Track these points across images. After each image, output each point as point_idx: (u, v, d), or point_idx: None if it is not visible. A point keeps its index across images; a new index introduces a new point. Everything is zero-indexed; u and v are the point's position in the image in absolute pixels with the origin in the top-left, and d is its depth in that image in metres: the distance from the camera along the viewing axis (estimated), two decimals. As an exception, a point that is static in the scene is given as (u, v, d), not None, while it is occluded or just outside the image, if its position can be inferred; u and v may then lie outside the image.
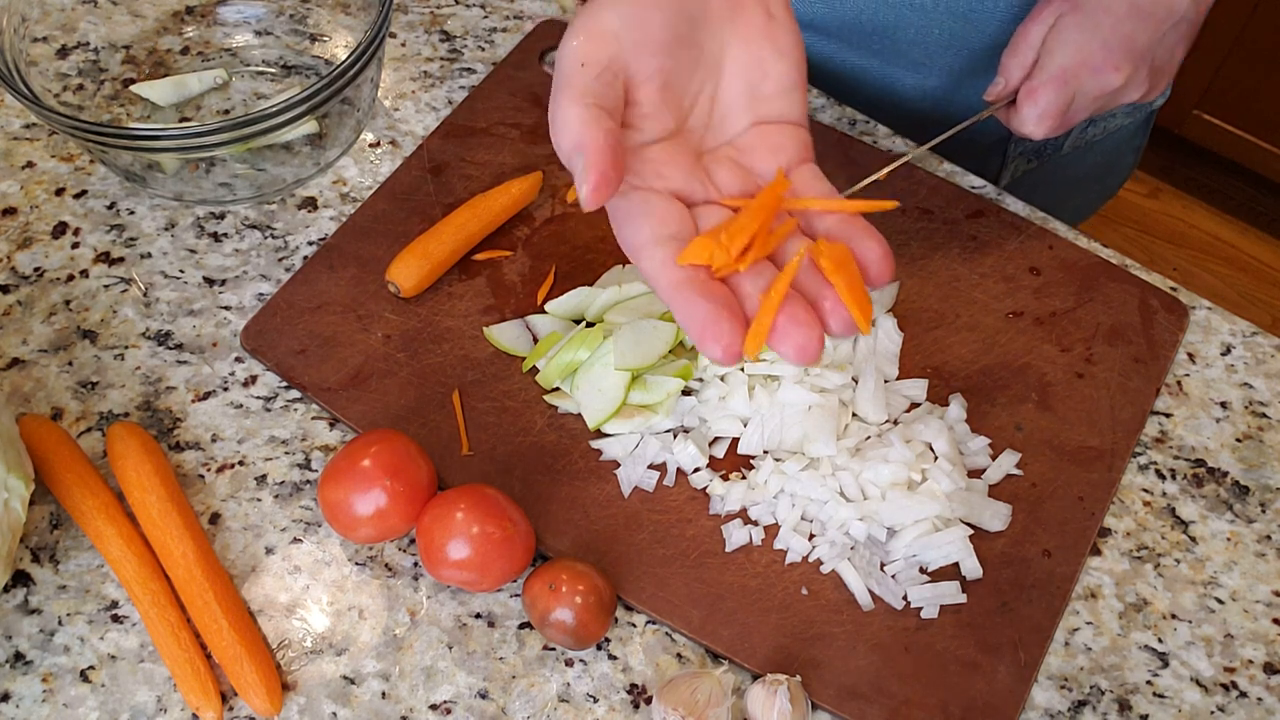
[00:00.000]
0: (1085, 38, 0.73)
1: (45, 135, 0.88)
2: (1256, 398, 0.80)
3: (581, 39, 0.51)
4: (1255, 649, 0.71)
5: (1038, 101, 0.75)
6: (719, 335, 0.48)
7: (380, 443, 0.69)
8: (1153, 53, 0.74)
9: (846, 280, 0.50)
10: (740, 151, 0.55)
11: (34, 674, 0.67)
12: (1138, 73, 0.74)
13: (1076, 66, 0.74)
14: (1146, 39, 0.73)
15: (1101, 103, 0.76)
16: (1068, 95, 0.75)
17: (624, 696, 0.68)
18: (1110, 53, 0.73)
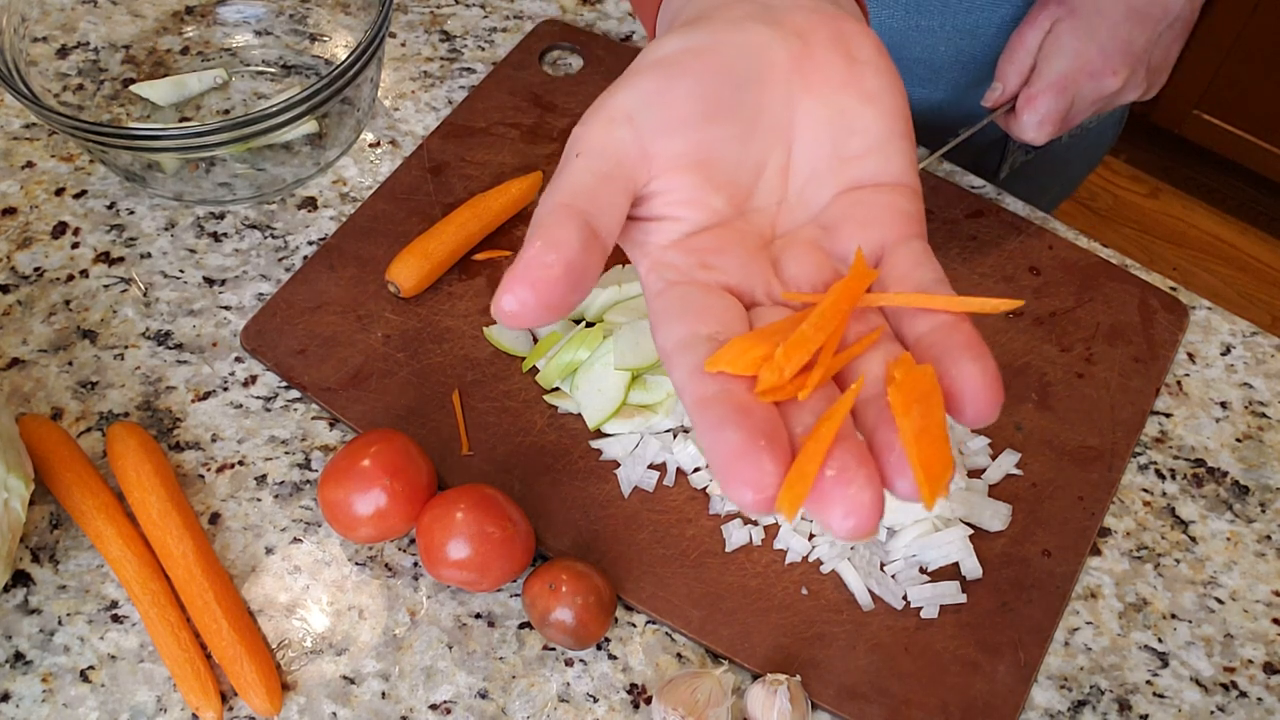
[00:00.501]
0: (1082, 43, 0.74)
1: (45, 135, 0.88)
2: (1256, 397, 0.80)
3: (589, 123, 0.42)
4: (1255, 649, 0.71)
5: (1037, 108, 0.75)
6: (748, 476, 0.35)
7: (380, 443, 0.69)
8: (1150, 54, 0.74)
9: (919, 425, 0.36)
10: (825, 231, 0.44)
11: (34, 674, 0.67)
12: (1135, 74, 0.75)
13: (1075, 72, 0.74)
14: (1144, 41, 0.73)
15: (1100, 105, 0.76)
16: (1067, 101, 0.75)
17: (624, 696, 0.68)
18: (1108, 57, 0.73)
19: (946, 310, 0.40)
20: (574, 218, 0.39)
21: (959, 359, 0.38)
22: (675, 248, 0.42)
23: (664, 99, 0.42)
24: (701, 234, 0.43)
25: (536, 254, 0.38)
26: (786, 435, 0.36)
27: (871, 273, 0.41)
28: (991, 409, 0.38)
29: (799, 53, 0.44)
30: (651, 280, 0.42)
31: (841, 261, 0.43)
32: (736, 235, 0.43)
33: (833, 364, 0.38)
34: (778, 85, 0.43)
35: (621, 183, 0.41)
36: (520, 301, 0.38)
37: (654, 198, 0.42)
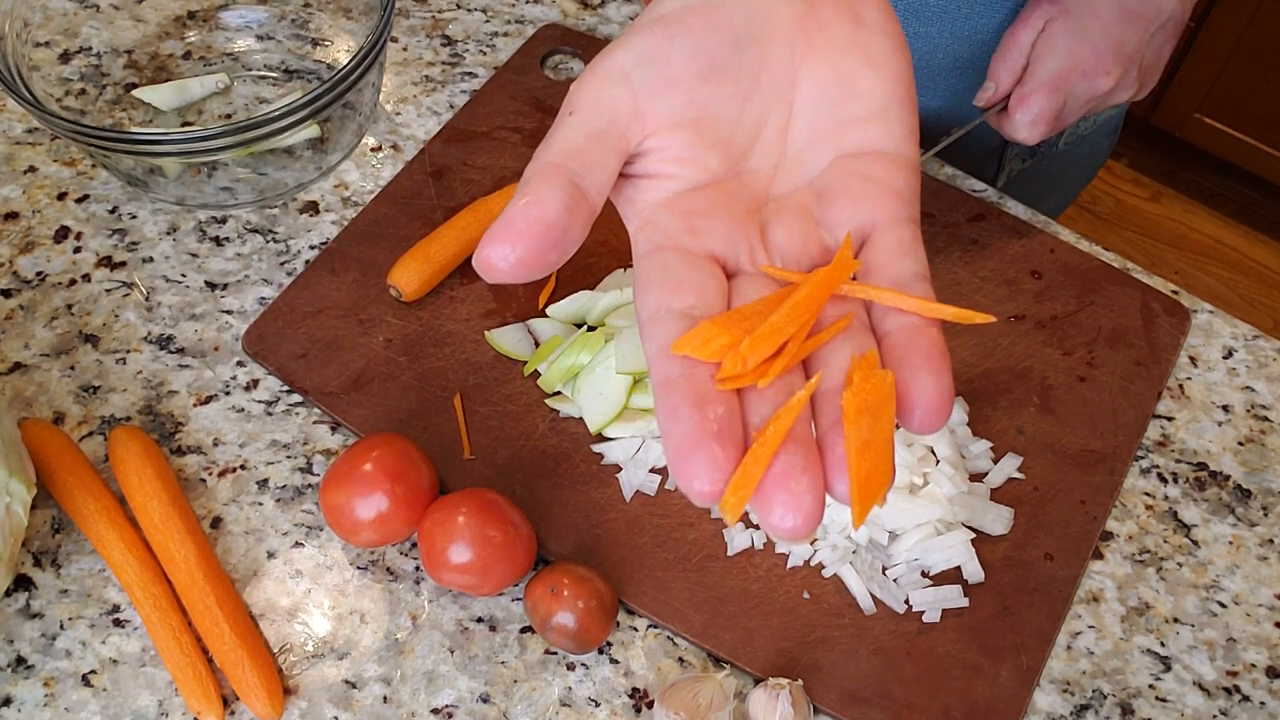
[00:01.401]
0: (1075, 43, 0.74)
1: (47, 140, 0.88)
2: (1258, 401, 0.80)
3: (584, 81, 0.42)
4: (1258, 653, 0.71)
5: (1030, 108, 0.75)
6: (699, 468, 0.35)
7: (382, 447, 0.69)
8: (1142, 54, 0.74)
9: (865, 437, 0.36)
10: (819, 198, 0.43)
11: (35, 678, 0.67)
12: (1127, 74, 0.75)
13: (1067, 72, 0.74)
14: (1136, 41, 0.73)
15: (1092, 105, 0.76)
16: (1059, 100, 0.75)
17: (625, 700, 0.68)
18: (1100, 57, 0.73)
19: (918, 314, 0.41)
20: (561, 176, 0.39)
21: (918, 370, 0.39)
22: (665, 208, 0.42)
23: (662, 57, 0.42)
24: (693, 193, 0.42)
25: (520, 210, 0.38)
26: (741, 429, 0.37)
27: (853, 264, 0.41)
28: (936, 424, 0.38)
29: (804, 13, 0.43)
30: (640, 241, 0.42)
31: (830, 233, 0.43)
32: (728, 196, 0.42)
33: (799, 351, 0.39)
34: (781, 45, 0.43)
35: (613, 141, 0.41)
36: (501, 256, 0.38)
37: (647, 155, 0.42)
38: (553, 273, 0.82)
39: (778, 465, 0.36)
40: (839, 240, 0.42)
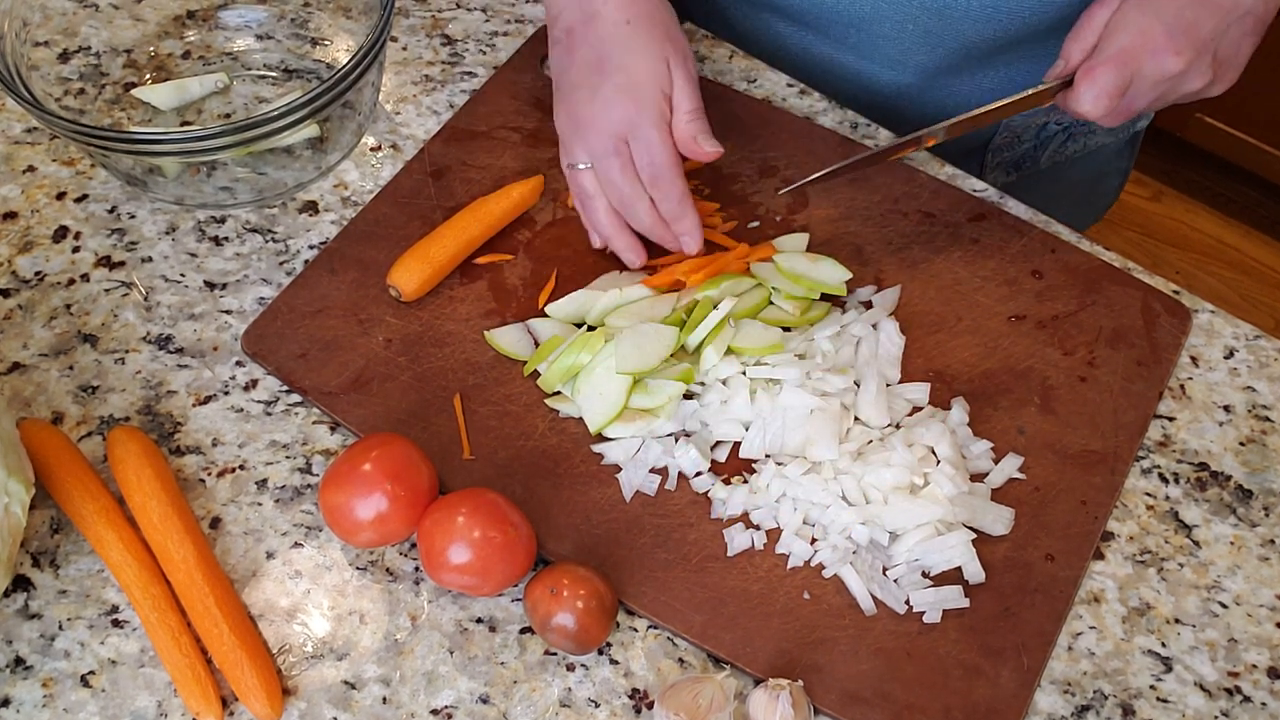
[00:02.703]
0: (1148, 20, 0.73)
1: (46, 139, 0.88)
2: (1259, 401, 0.79)
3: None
4: (1259, 653, 0.70)
5: (1095, 80, 0.74)
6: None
7: (381, 447, 0.69)
8: (1216, 43, 0.73)
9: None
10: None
11: (34, 679, 0.67)
12: (1199, 60, 0.73)
13: (1136, 48, 0.73)
14: (1210, 27, 0.73)
15: (1161, 90, 0.75)
16: (1126, 75, 0.74)
17: (625, 701, 0.68)
18: (1173, 36, 0.73)
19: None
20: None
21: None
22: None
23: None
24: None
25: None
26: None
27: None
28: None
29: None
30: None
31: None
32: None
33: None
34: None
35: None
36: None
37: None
38: (553, 272, 0.82)
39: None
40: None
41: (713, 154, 0.77)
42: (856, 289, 0.82)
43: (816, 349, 0.77)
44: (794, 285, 0.79)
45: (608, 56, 0.77)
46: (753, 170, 0.87)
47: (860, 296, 0.81)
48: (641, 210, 0.78)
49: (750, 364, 0.75)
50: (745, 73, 0.94)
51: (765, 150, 0.88)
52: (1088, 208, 1.13)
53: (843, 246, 0.83)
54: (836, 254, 0.81)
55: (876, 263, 0.83)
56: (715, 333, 0.76)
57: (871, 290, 0.82)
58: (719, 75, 0.93)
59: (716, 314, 0.76)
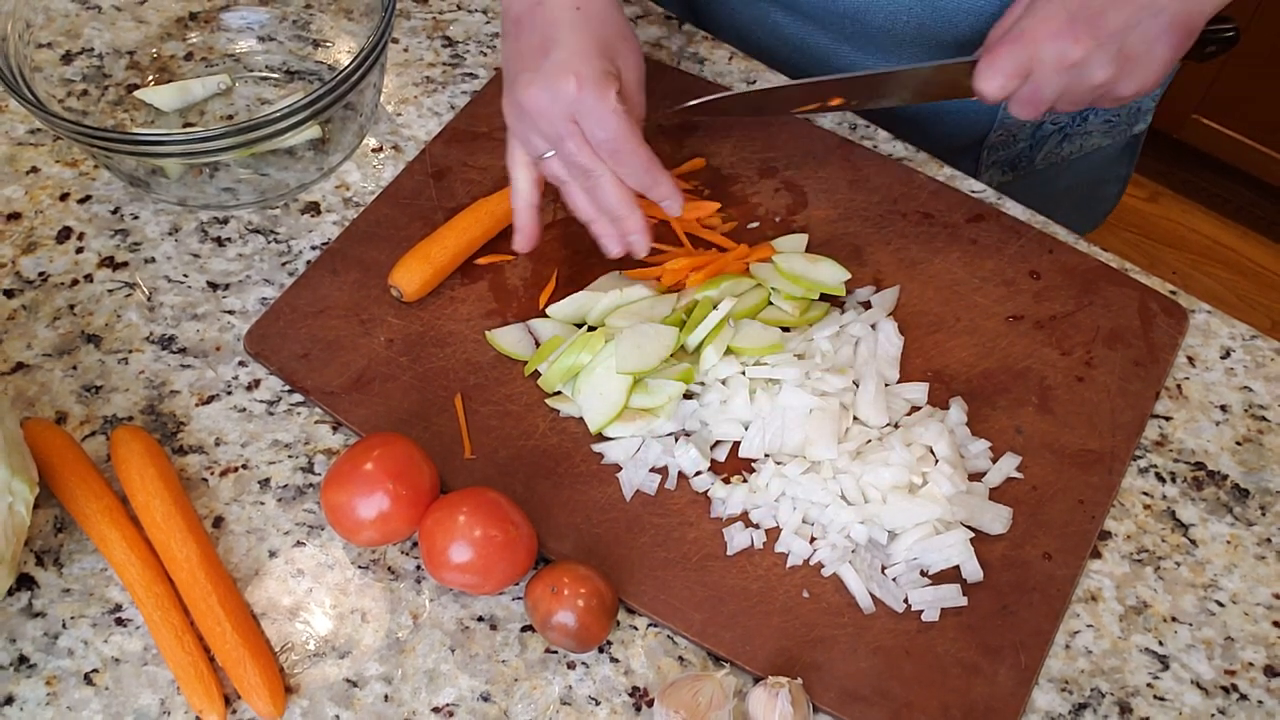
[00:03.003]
0: (1054, 7, 0.73)
1: (50, 141, 0.89)
2: (1256, 401, 0.80)
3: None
4: (1256, 651, 0.71)
5: (993, 59, 0.75)
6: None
7: (383, 446, 0.69)
8: (1124, 37, 0.73)
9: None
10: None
11: (38, 677, 0.67)
12: (1101, 50, 0.73)
13: (1036, 31, 0.73)
14: (1119, 20, 0.72)
15: (1066, 80, 0.74)
16: (1023, 57, 0.74)
17: (626, 699, 0.68)
18: (1074, 23, 0.72)
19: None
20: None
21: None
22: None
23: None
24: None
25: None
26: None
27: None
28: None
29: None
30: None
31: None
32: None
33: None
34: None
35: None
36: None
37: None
38: (554, 273, 0.82)
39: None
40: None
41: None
42: (855, 289, 0.82)
43: (816, 349, 0.77)
44: (793, 285, 0.79)
45: (552, 38, 0.73)
46: (752, 170, 0.88)
47: (859, 297, 0.82)
48: (607, 187, 0.74)
49: (750, 364, 0.76)
50: (745, 73, 0.94)
51: (765, 150, 0.88)
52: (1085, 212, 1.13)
53: (842, 247, 0.84)
54: (835, 254, 0.82)
55: (875, 263, 0.83)
56: (715, 333, 0.76)
57: (870, 290, 0.82)
58: (719, 76, 0.94)
59: (716, 314, 0.76)
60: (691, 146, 0.88)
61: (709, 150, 0.88)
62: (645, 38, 0.96)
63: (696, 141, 0.89)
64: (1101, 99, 0.76)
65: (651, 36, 0.96)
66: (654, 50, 0.95)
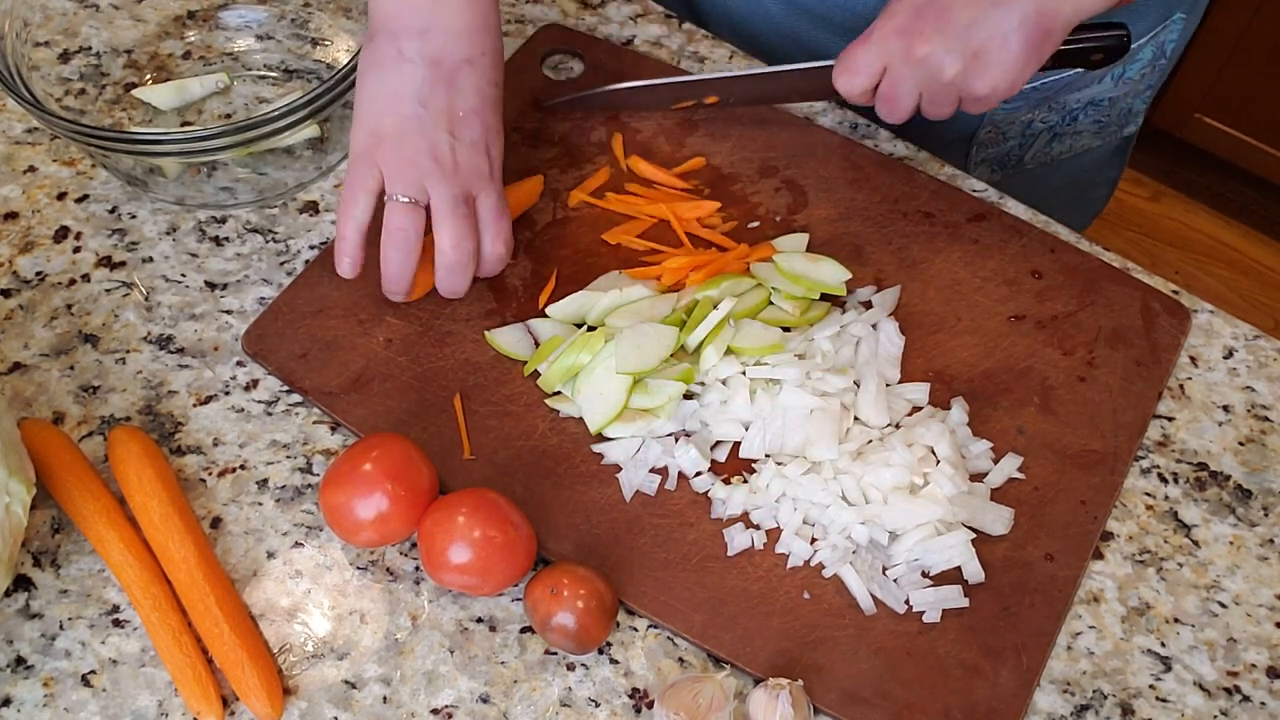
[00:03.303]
0: (902, 5, 0.74)
1: (47, 140, 0.88)
2: (1259, 401, 0.80)
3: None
4: (1258, 653, 0.71)
5: (847, 57, 0.76)
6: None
7: (381, 447, 0.69)
8: (971, 32, 0.72)
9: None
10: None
11: (35, 678, 0.67)
12: (948, 45, 0.73)
13: (884, 28, 0.75)
14: (966, 16, 0.72)
15: (919, 76, 0.74)
16: (872, 54, 0.75)
17: (625, 701, 0.68)
18: (920, 18, 0.73)
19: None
20: None
21: None
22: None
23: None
24: None
25: None
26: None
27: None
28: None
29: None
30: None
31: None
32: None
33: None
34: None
35: None
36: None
37: None
38: (553, 273, 0.82)
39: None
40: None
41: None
42: (856, 289, 0.82)
43: (816, 349, 0.77)
44: (794, 285, 0.79)
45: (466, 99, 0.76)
46: (753, 170, 0.87)
47: (860, 296, 0.81)
48: (459, 278, 0.77)
49: (750, 364, 0.76)
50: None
51: (765, 149, 0.88)
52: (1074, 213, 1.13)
53: (843, 246, 0.84)
54: (836, 254, 0.81)
55: (876, 263, 0.83)
56: (715, 333, 0.76)
57: (871, 290, 0.82)
58: (719, 75, 0.93)
59: (716, 314, 0.76)
60: (692, 146, 0.88)
61: (709, 149, 0.88)
62: (645, 36, 0.95)
63: (696, 141, 0.88)
64: (964, 100, 0.76)
65: (651, 35, 0.96)
66: (654, 49, 0.95)
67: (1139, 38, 0.93)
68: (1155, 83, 1.01)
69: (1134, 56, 0.95)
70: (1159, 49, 0.96)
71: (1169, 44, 0.96)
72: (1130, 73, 0.96)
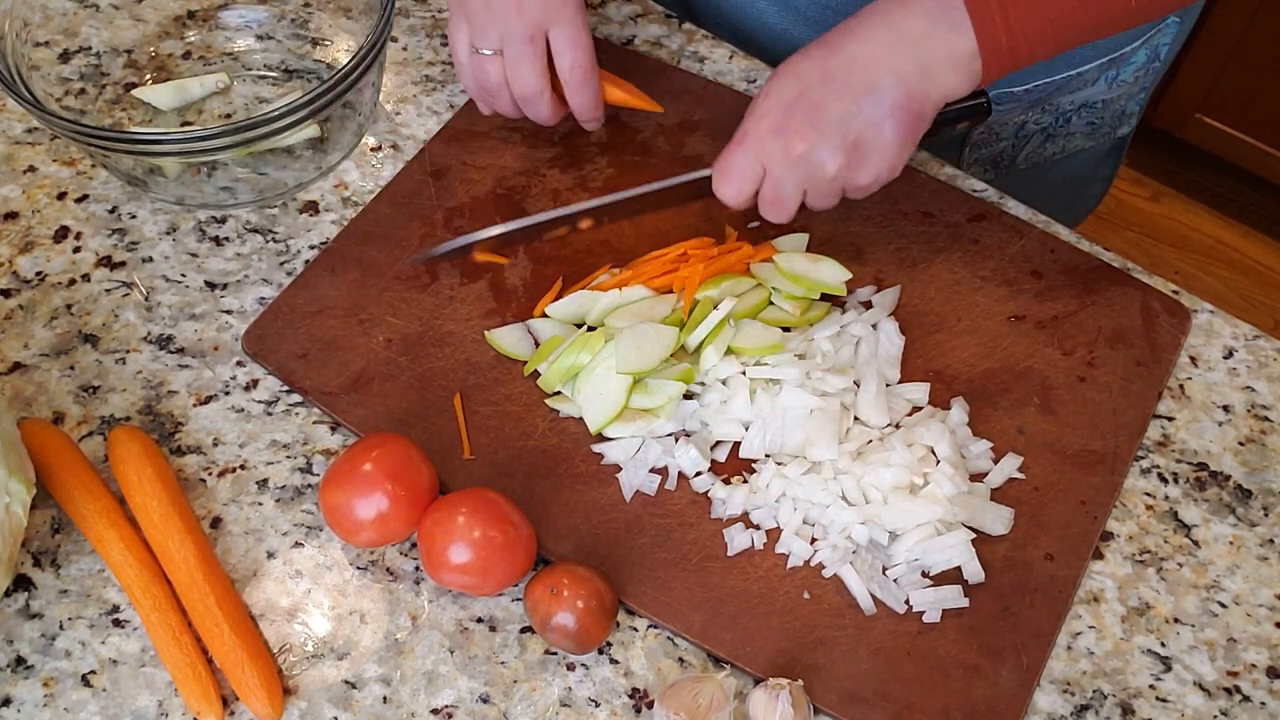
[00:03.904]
0: (770, 104, 0.72)
1: (47, 140, 0.88)
2: (1259, 401, 0.80)
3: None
4: (1258, 653, 0.71)
5: (723, 165, 0.75)
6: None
7: (381, 447, 0.69)
8: (845, 124, 0.71)
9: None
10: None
11: (35, 678, 0.67)
12: (825, 141, 0.71)
13: (759, 130, 0.73)
14: (839, 109, 0.71)
15: (801, 174, 0.73)
16: (749, 158, 0.73)
17: (625, 701, 0.68)
18: (790, 116, 0.71)
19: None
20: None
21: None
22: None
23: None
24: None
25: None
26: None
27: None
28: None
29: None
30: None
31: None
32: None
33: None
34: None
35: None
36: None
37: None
38: (557, 275, 0.82)
39: None
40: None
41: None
42: (856, 289, 0.82)
43: (816, 349, 0.77)
44: (794, 285, 0.79)
45: None
46: (753, 170, 0.87)
47: (860, 296, 0.81)
48: (543, 107, 0.80)
49: (750, 364, 0.76)
50: (745, 73, 0.94)
51: (765, 150, 0.88)
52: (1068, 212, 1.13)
53: (843, 246, 0.84)
54: (836, 254, 0.81)
55: (876, 263, 0.83)
56: (715, 333, 0.76)
57: (871, 290, 0.82)
58: (719, 75, 0.93)
59: (716, 314, 0.76)
60: (692, 146, 0.88)
61: (710, 149, 0.88)
62: (645, 36, 0.95)
63: (697, 141, 0.88)
64: (847, 190, 0.75)
65: (652, 35, 0.96)
66: (654, 49, 0.95)
67: (1132, 40, 0.93)
68: (1150, 84, 1.01)
69: (1128, 59, 0.95)
70: (1153, 51, 0.96)
71: (1163, 47, 0.96)
72: (1124, 75, 0.96)
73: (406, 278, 0.81)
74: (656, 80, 0.91)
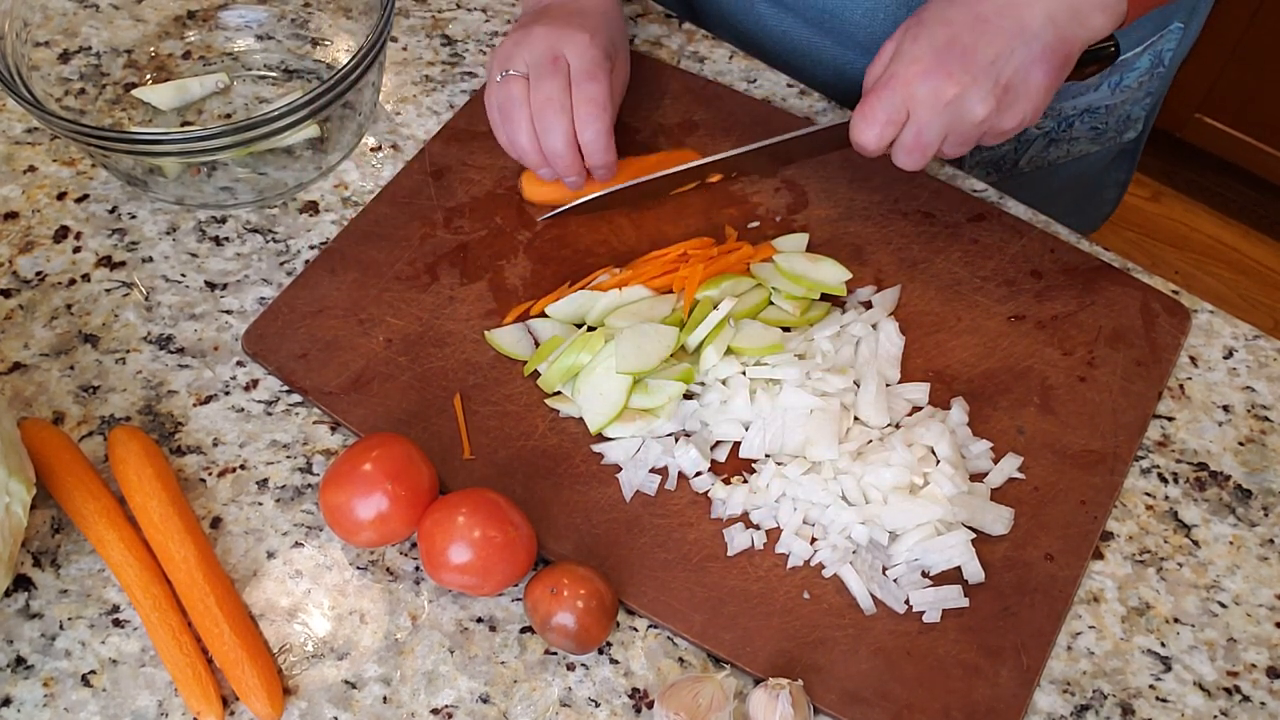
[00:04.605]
0: (921, 48, 0.71)
1: (47, 140, 0.88)
2: (1259, 401, 0.80)
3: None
4: (1258, 653, 0.71)
5: (867, 108, 0.73)
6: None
7: (381, 447, 0.69)
8: (998, 68, 0.70)
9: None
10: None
11: (35, 678, 0.67)
12: (977, 85, 0.71)
13: (907, 73, 0.71)
14: (991, 52, 0.70)
15: (947, 118, 0.72)
16: (896, 101, 0.72)
17: (625, 701, 0.68)
18: (943, 60, 0.70)
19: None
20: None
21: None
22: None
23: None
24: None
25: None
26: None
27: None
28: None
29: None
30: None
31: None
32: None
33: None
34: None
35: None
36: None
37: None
38: (558, 277, 0.82)
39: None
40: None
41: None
42: (856, 289, 0.82)
43: (816, 349, 0.77)
44: (794, 285, 0.79)
45: (578, 12, 0.82)
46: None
47: (860, 296, 0.81)
48: (558, 132, 0.79)
49: (750, 364, 0.76)
50: (745, 73, 0.94)
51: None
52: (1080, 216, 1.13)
53: (843, 246, 0.84)
54: (836, 254, 0.81)
55: (876, 263, 0.83)
56: (715, 333, 0.76)
57: (871, 290, 0.82)
58: (719, 75, 0.93)
59: (716, 314, 0.76)
60: (692, 146, 0.88)
61: (710, 149, 0.88)
62: (645, 36, 0.95)
63: (697, 141, 0.88)
64: (986, 135, 0.74)
65: (652, 35, 0.96)
66: (654, 49, 0.95)
67: (1135, 46, 0.93)
68: (1155, 90, 1.01)
69: (1131, 65, 0.94)
70: (1156, 57, 0.96)
71: (1166, 52, 0.96)
72: (1128, 81, 0.96)
73: (406, 278, 0.81)
74: (656, 80, 0.91)
